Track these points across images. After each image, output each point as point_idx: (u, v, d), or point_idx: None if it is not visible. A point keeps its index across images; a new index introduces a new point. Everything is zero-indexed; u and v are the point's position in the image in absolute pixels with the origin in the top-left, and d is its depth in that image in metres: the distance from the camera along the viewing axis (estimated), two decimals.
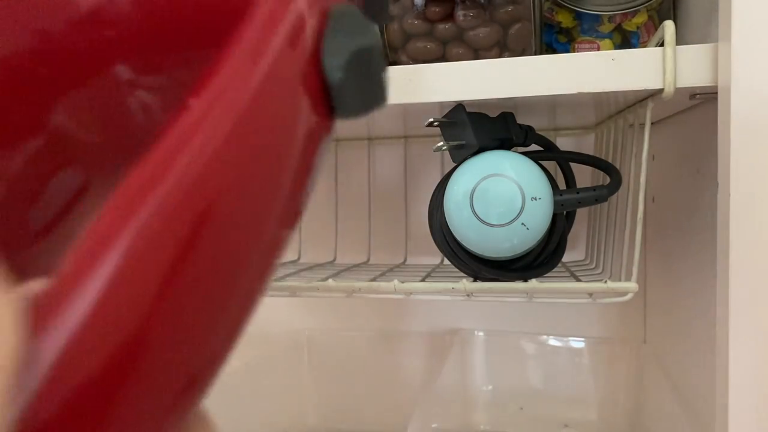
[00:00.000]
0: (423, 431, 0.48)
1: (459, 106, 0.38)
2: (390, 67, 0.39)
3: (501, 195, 0.34)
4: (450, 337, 0.65)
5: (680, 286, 0.50)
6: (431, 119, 0.37)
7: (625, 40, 0.46)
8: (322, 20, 0.14)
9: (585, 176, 0.49)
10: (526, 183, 0.34)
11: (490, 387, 0.65)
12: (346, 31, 0.14)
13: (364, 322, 0.69)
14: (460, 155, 0.38)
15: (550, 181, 0.37)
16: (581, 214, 0.48)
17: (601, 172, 0.41)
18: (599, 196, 0.36)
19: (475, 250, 0.37)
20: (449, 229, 0.37)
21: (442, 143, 0.37)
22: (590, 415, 0.62)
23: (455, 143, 0.37)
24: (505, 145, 0.40)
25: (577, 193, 0.36)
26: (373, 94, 0.15)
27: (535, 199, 0.34)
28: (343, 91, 0.14)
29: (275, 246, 0.14)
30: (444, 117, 0.38)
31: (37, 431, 0.11)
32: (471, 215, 0.35)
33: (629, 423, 0.60)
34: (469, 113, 0.37)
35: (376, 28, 0.15)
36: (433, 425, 0.55)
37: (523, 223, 0.34)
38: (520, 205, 0.34)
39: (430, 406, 0.51)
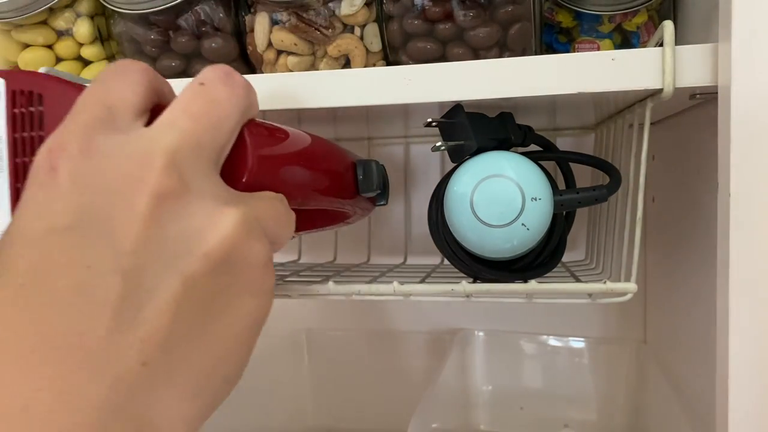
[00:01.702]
0: (423, 431, 0.48)
1: (458, 106, 0.38)
2: (390, 67, 0.39)
3: (501, 195, 0.34)
4: (450, 337, 0.65)
5: (680, 286, 0.50)
6: (429, 119, 0.37)
7: (625, 40, 0.46)
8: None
9: (585, 176, 0.49)
10: (526, 183, 0.34)
11: (490, 387, 0.65)
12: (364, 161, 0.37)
13: (364, 322, 0.69)
14: (459, 155, 0.38)
15: (549, 182, 0.37)
16: (581, 214, 0.48)
17: (601, 172, 0.41)
18: (599, 196, 0.36)
19: (475, 251, 0.37)
20: (449, 229, 0.37)
21: (440, 143, 0.37)
22: (590, 415, 0.62)
23: (454, 143, 0.37)
24: (503, 145, 0.40)
25: (577, 193, 0.36)
26: (375, 184, 0.37)
27: (535, 200, 0.34)
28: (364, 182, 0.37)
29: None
30: (443, 117, 0.38)
31: None
32: (471, 216, 0.35)
33: (629, 423, 0.60)
34: (468, 113, 0.37)
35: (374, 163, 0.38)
36: (433, 425, 0.55)
37: (523, 224, 0.34)
38: (520, 206, 0.34)
39: (430, 406, 0.51)
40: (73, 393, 0.18)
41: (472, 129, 0.37)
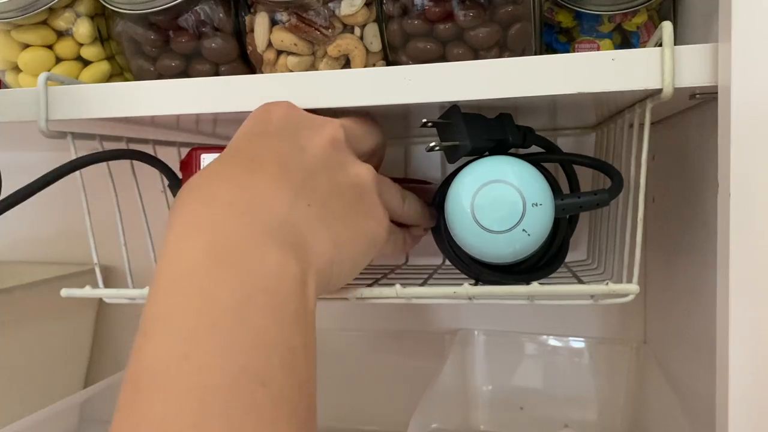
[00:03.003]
0: (423, 431, 0.48)
1: (454, 107, 0.38)
2: (390, 67, 0.39)
3: (502, 201, 0.34)
4: (450, 337, 0.65)
5: (680, 286, 0.50)
6: (425, 120, 0.37)
7: (625, 40, 0.46)
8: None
9: (586, 176, 0.49)
10: (527, 189, 0.34)
11: (490, 387, 0.65)
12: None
13: (363, 322, 0.69)
14: (454, 156, 0.38)
15: (551, 184, 0.37)
16: (583, 214, 0.48)
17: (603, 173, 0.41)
18: (601, 200, 0.36)
19: (477, 256, 0.37)
20: (450, 232, 0.37)
21: (434, 143, 0.37)
22: (590, 415, 0.62)
23: (448, 144, 0.37)
24: (501, 146, 0.40)
25: (579, 197, 0.36)
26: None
27: (536, 205, 0.34)
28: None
29: None
30: (439, 118, 0.38)
31: None
32: (472, 222, 0.35)
33: (629, 423, 0.60)
34: (465, 114, 0.37)
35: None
36: (433, 425, 0.55)
37: (524, 230, 0.34)
38: (521, 212, 0.34)
39: (430, 406, 0.51)
40: (266, 208, 0.29)
41: (467, 129, 0.37)
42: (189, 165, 0.44)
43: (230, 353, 0.24)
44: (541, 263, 0.39)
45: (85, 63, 0.46)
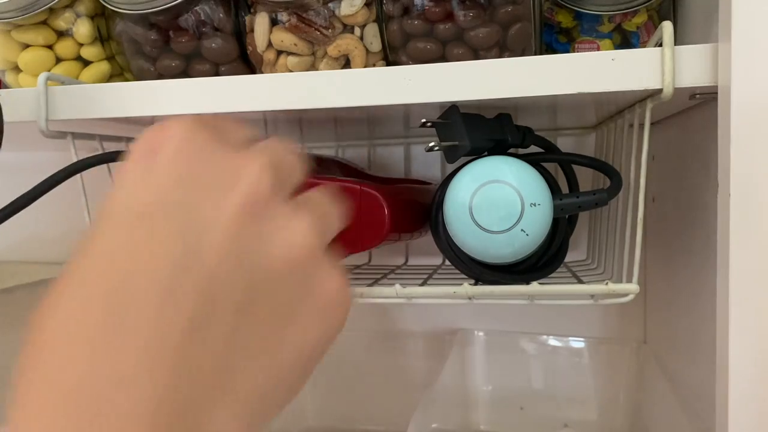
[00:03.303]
0: (423, 431, 0.48)
1: (453, 107, 0.38)
2: (390, 67, 0.39)
3: (500, 201, 0.34)
4: (450, 337, 0.65)
5: (680, 286, 0.50)
6: (424, 120, 0.37)
7: (625, 40, 0.46)
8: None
9: (586, 176, 0.49)
10: (525, 189, 0.34)
11: (490, 387, 0.65)
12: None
13: (364, 322, 0.69)
14: (453, 156, 0.38)
15: (551, 184, 0.37)
16: (583, 214, 0.48)
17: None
18: (599, 200, 0.36)
19: (476, 256, 0.37)
20: (449, 232, 0.37)
21: (433, 143, 0.37)
22: (590, 415, 0.62)
23: (447, 144, 0.37)
24: (500, 146, 0.40)
25: (577, 197, 0.36)
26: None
27: (535, 205, 0.34)
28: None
29: None
30: (438, 118, 0.38)
31: None
32: (470, 222, 0.35)
33: (629, 423, 0.60)
34: (464, 114, 0.37)
35: None
36: (433, 425, 0.55)
37: (522, 230, 0.34)
38: (519, 212, 0.34)
39: (430, 406, 0.51)
40: (129, 399, 0.17)
41: (466, 129, 0.37)
42: None
43: None
44: (540, 263, 0.39)
45: (85, 63, 0.46)
